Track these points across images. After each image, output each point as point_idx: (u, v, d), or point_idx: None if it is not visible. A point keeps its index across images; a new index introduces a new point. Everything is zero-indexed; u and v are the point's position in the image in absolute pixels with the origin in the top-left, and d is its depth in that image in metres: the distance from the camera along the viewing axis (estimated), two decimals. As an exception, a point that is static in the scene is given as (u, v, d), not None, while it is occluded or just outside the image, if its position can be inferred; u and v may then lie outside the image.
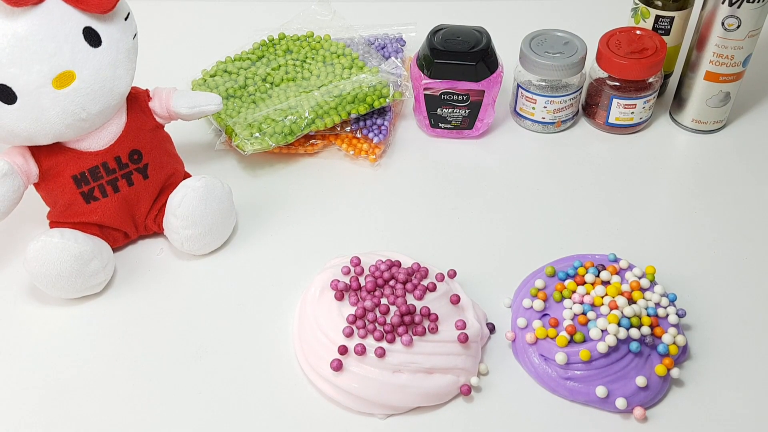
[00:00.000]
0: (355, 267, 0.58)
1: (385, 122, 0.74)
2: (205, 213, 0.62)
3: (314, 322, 0.56)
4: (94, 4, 0.56)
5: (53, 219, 0.63)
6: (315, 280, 0.59)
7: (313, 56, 0.80)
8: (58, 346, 0.59)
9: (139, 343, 0.59)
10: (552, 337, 0.55)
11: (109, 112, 0.59)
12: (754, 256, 0.65)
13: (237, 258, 0.66)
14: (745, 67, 0.72)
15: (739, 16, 0.67)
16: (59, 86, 0.55)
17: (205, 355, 0.58)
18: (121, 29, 0.58)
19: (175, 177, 0.66)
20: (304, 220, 0.69)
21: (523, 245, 0.66)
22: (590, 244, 0.65)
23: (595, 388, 0.53)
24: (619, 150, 0.76)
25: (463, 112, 0.74)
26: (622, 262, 0.60)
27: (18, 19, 0.53)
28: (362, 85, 0.73)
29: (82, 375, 0.57)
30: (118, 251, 0.66)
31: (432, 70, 0.72)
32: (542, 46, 0.74)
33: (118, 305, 0.62)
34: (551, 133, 0.78)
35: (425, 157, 0.76)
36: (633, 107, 0.74)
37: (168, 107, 0.64)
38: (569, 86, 0.74)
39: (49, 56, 0.54)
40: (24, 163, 0.59)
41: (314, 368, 0.54)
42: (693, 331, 0.59)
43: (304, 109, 0.71)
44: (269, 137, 0.70)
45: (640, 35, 0.74)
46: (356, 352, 0.53)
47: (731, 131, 0.78)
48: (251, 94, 0.76)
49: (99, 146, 0.60)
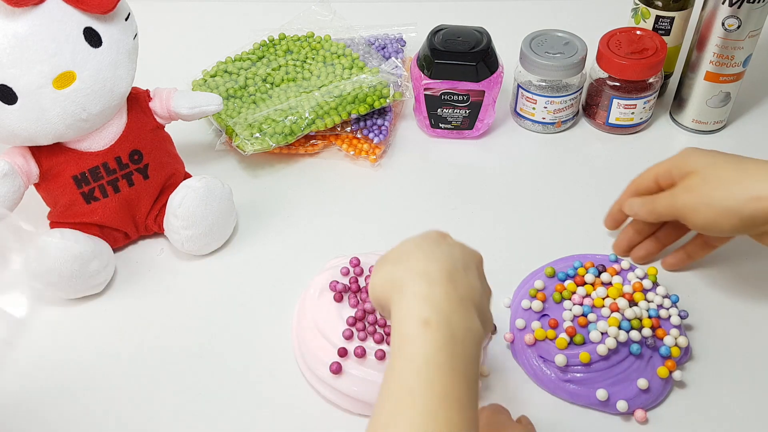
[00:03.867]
0: (354, 267, 0.58)
1: (385, 122, 0.74)
2: (206, 213, 0.62)
3: (313, 324, 0.56)
4: (94, 5, 0.56)
5: (53, 219, 0.63)
6: (314, 281, 0.59)
7: (313, 56, 0.80)
8: (58, 346, 0.59)
9: (139, 343, 0.59)
10: (551, 338, 0.55)
11: (109, 112, 0.59)
12: (755, 256, 0.65)
13: (237, 258, 0.66)
14: (745, 68, 0.72)
15: (739, 17, 0.67)
16: (60, 86, 0.55)
17: (204, 355, 0.58)
18: (121, 29, 0.58)
19: (176, 177, 0.66)
20: (304, 221, 0.69)
21: (524, 245, 0.66)
22: (590, 245, 0.65)
23: (595, 391, 0.53)
24: (619, 150, 0.76)
25: (464, 113, 0.74)
26: (623, 263, 0.60)
27: (18, 19, 0.53)
28: (362, 86, 0.73)
29: (82, 375, 0.57)
30: (118, 251, 0.66)
31: (432, 70, 0.72)
32: (542, 47, 0.74)
33: (118, 305, 0.62)
34: (551, 133, 0.78)
35: (425, 157, 0.76)
36: (633, 107, 0.74)
37: (168, 107, 0.64)
38: (569, 86, 0.74)
39: (49, 56, 0.54)
40: (24, 164, 0.59)
41: (313, 371, 0.54)
42: (694, 331, 0.59)
43: (305, 109, 0.71)
44: (269, 137, 0.70)
45: (641, 35, 0.74)
46: (356, 354, 0.53)
47: (731, 131, 0.78)
48: (251, 94, 0.76)
49: (99, 146, 0.60)
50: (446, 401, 0.38)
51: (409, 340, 0.40)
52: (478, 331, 0.42)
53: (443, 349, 0.39)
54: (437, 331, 0.40)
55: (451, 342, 0.40)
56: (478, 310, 0.43)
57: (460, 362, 0.39)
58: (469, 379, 0.40)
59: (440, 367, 0.39)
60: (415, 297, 0.41)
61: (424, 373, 0.38)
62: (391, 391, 0.39)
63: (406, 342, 0.40)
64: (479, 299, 0.44)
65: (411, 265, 0.43)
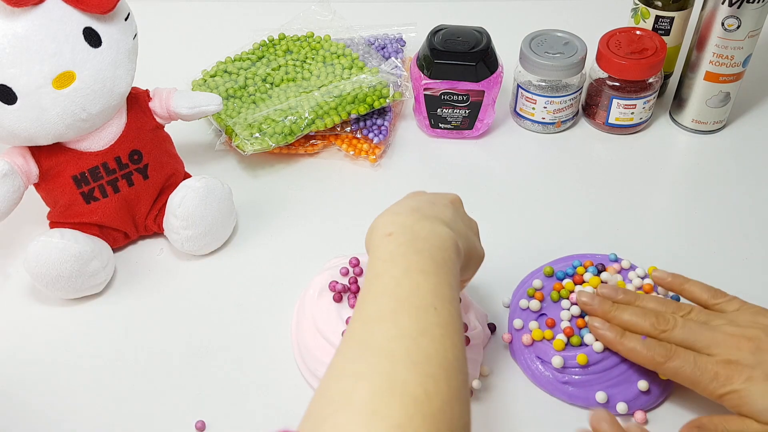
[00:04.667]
0: (354, 268, 0.58)
1: (385, 122, 0.74)
2: (205, 213, 0.62)
3: (313, 324, 0.56)
4: (94, 5, 0.56)
5: (53, 219, 0.63)
6: (313, 281, 0.59)
7: (313, 56, 0.80)
8: (58, 346, 0.59)
9: (139, 343, 0.59)
10: (549, 338, 0.55)
11: (109, 112, 0.59)
12: (755, 256, 0.65)
13: (237, 258, 0.66)
14: (745, 68, 0.72)
15: (739, 17, 0.67)
16: (59, 86, 0.55)
17: (204, 355, 0.58)
18: (121, 29, 0.58)
19: (176, 177, 0.66)
20: (304, 221, 0.69)
21: (524, 245, 0.66)
22: (590, 244, 0.65)
23: (594, 392, 0.53)
24: (619, 150, 0.76)
25: (463, 113, 0.74)
26: (624, 263, 0.60)
27: (18, 19, 0.53)
28: (362, 86, 0.73)
29: (83, 375, 0.57)
30: (118, 251, 0.66)
31: (432, 70, 0.72)
32: (542, 47, 0.74)
33: (118, 305, 0.62)
34: (551, 133, 0.78)
35: (425, 157, 0.76)
36: (633, 107, 0.74)
37: (168, 107, 0.64)
38: (569, 86, 0.74)
39: (49, 56, 0.54)
40: (24, 164, 0.59)
41: (313, 371, 0.54)
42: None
43: (304, 109, 0.71)
44: (269, 137, 0.70)
45: (640, 35, 0.74)
46: (356, 353, 0.53)
47: (731, 131, 0.78)
48: (251, 94, 0.76)
49: (99, 146, 0.61)
50: (408, 272, 0.41)
51: (374, 246, 0.44)
52: (444, 233, 0.44)
53: (405, 244, 0.43)
54: (401, 236, 0.44)
55: (413, 240, 0.43)
56: (450, 227, 0.45)
57: (423, 245, 0.43)
58: (436, 260, 0.42)
59: (403, 255, 0.42)
60: (381, 226, 0.46)
61: (388, 261, 0.42)
62: (362, 291, 0.42)
63: (372, 250, 0.44)
64: (450, 220, 0.47)
65: (383, 214, 0.47)
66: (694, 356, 0.49)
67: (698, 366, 0.48)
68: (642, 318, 0.51)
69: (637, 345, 0.50)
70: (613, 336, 0.51)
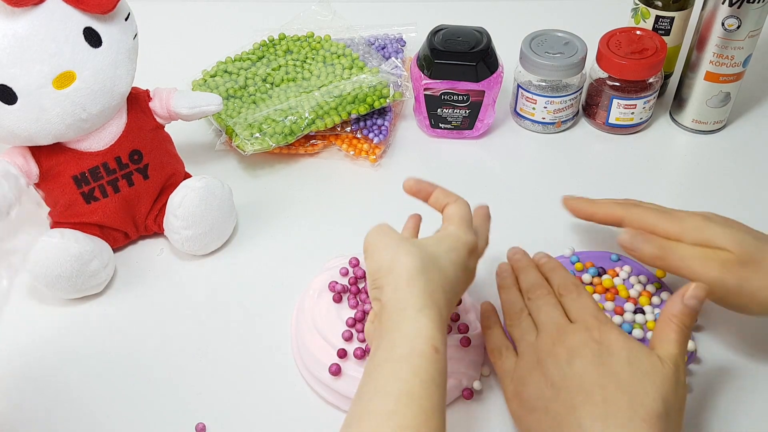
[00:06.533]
0: (354, 268, 0.58)
1: (385, 122, 0.74)
2: (206, 213, 0.62)
3: (312, 325, 0.56)
4: (94, 5, 0.56)
5: (53, 219, 0.63)
6: (313, 281, 0.59)
7: (313, 56, 0.80)
8: (58, 346, 0.59)
9: (139, 343, 0.59)
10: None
11: (109, 112, 0.59)
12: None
13: (237, 258, 0.66)
14: (745, 68, 0.72)
15: (739, 17, 0.67)
16: (60, 86, 0.55)
17: (204, 355, 0.58)
18: (121, 29, 0.58)
19: (176, 177, 0.66)
20: (304, 221, 0.69)
21: (523, 245, 0.66)
22: (590, 244, 0.65)
23: None
24: (619, 150, 0.76)
25: (464, 113, 0.74)
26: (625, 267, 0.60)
27: (18, 19, 0.53)
28: (362, 86, 0.73)
29: (82, 375, 0.57)
30: (118, 251, 0.66)
31: (432, 70, 0.72)
32: (542, 47, 0.74)
33: (118, 305, 0.62)
34: (551, 133, 0.78)
35: (425, 157, 0.76)
36: (633, 107, 0.74)
37: (168, 107, 0.64)
38: (569, 86, 0.74)
39: (49, 56, 0.54)
40: (24, 164, 0.59)
41: (312, 372, 0.54)
42: (700, 334, 0.58)
43: (305, 109, 0.71)
44: (269, 137, 0.70)
45: (640, 35, 0.74)
46: (356, 356, 0.53)
47: (731, 131, 0.78)
48: (251, 94, 0.76)
49: (99, 146, 0.61)
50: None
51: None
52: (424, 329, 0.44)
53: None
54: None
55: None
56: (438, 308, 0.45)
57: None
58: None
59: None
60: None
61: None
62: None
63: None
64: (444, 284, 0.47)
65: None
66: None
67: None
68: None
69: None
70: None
